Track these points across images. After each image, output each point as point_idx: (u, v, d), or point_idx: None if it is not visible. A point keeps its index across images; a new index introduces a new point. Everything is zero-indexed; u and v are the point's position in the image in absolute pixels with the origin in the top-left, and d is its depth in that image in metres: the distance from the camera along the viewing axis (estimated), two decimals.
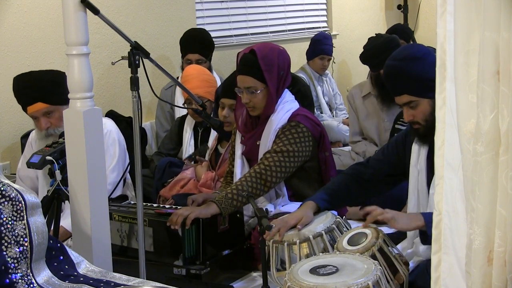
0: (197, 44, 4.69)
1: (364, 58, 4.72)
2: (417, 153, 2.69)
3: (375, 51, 4.49)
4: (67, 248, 2.24)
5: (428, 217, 2.42)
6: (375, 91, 4.56)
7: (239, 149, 3.38)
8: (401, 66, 2.62)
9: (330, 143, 5.02)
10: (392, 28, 6.35)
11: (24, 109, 3.39)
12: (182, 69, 4.75)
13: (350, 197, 2.89)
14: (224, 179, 3.48)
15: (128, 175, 3.59)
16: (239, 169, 3.34)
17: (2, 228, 2.03)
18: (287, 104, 3.26)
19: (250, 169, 3.15)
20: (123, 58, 2.60)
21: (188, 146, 4.17)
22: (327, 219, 2.67)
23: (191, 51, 4.66)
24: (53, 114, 3.29)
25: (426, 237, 2.46)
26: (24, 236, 2.06)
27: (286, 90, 3.30)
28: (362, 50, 4.82)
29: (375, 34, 5.03)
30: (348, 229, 2.66)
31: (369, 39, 4.88)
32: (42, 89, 3.28)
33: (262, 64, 3.14)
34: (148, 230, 2.98)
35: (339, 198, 2.84)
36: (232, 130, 3.49)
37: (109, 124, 3.48)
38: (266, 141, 3.22)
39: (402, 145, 2.83)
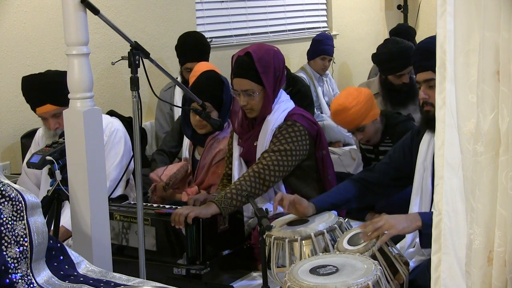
0: (195, 51, 4.68)
1: (377, 59, 4.69)
2: (425, 151, 2.70)
3: (390, 56, 4.42)
4: (67, 248, 2.24)
5: (425, 217, 2.42)
6: (382, 92, 4.54)
7: (236, 151, 3.38)
8: (433, 43, 2.64)
9: (330, 143, 5.01)
10: (395, 28, 6.32)
11: (33, 109, 3.41)
12: (182, 75, 4.75)
13: (354, 202, 2.88)
14: (221, 182, 3.47)
15: (131, 177, 3.60)
16: (237, 171, 3.35)
17: (2, 228, 2.03)
18: (283, 104, 3.27)
19: (248, 169, 3.15)
20: (123, 58, 2.60)
21: (188, 143, 4.17)
22: (329, 218, 2.67)
23: (190, 60, 4.66)
24: (62, 115, 3.29)
25: (424, 239, 2.45)
26: (24, 236, 2.06)
27: (281, 90, 3.30)
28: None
29: (393, 37, 4.95)
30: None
31: (385, 40, 4.84)
32: (51, 91, 3.30)
33: (259, 67, 3.14)
34: (151, 229, 2.99)
35: (342, 201, 2.84)
36: (230, 133, 3.50)
37: (116, 123, 3.50)
38: (263, 142, 3.22)
39: (409, 148, 2.83)
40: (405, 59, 4.14)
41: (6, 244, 2.04)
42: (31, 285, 2.05)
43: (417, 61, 2.74)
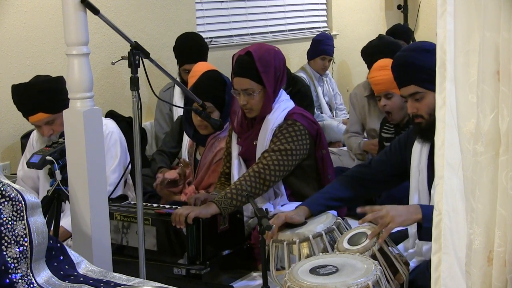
0: (193, 53, 4.68)
1: (363, 54, 4.74)
2: (419, 153, 2.69)
3: (372, 50, 4.49)
4: (67, 248, 2.24)
5: (426, 210, 2.42)
6: (368, 90, 4.55)
7: (235, 150, 3.38)
8: (411, 56, 2.64)
9: (330, 143, 5.00)
10: (392, 28, 6.35)
11: (25, 117, 3.39)
12: (180, 76, 4.76)
13: (349, 199, 2.88)
14: (218, 180, 3.47)
15: (129, 176, 3.60)
16: (236, 170, 3.34)
17: (2, 228, 2.03)
18: (283, 103, 3.27)
19: (248, 169, 3.15)
20: (123, 58, 2.60)
21: (188, 144, 4.17)
22: (327, 219, 2.67)
23: (188, 61, 4.66)
24: (55, 121, 3.29)
25: (422, 231, 2.45)
26: (24, 236, 2.06)
27: (281, 89, 3.30)
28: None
29: (379, 34, 5.03)
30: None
31: (378, 36, 4.91)
32: (42, 100, 3.27)
33: (259, 66, 3.14)
34: (152, 229, 2.99)
35: (337, 201, 2.84)
36: (228, 131, 3.50)
37: (111, 125, 3.48)
38: (263, 141, 3.22)
39: (404, 145, 2.83)
40: (391, 53, 4.15)
41: (6, 244, 2.04)
42: (31, 285, 2.05)
43: (397, 77, 2.72)
